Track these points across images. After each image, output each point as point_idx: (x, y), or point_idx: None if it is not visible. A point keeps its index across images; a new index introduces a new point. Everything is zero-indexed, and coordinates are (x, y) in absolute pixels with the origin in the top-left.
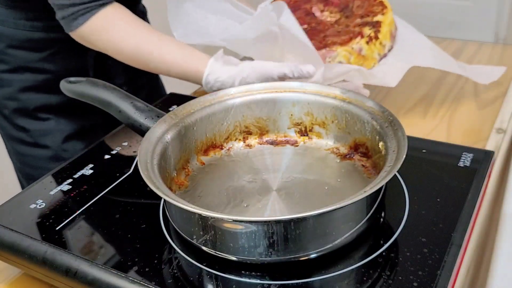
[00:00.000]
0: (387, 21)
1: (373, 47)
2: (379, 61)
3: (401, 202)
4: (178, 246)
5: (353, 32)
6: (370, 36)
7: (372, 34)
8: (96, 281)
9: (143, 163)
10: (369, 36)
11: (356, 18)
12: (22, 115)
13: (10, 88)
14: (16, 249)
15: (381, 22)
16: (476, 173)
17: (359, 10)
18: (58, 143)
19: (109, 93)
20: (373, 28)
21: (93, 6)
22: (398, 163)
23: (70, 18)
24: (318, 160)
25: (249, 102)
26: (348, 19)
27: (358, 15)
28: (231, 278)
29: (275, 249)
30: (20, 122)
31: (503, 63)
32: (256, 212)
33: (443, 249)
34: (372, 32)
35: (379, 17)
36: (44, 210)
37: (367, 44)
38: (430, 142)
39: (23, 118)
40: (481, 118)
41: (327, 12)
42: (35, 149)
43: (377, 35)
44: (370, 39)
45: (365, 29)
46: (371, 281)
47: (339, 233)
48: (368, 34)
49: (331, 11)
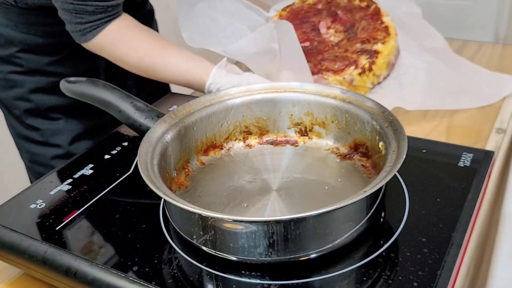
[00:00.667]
0: (386, 51)
1: (366, 78)
2: (372, 89)
3: (401, 202)
4: (178, 246)
5: (349, 60)
6: (363, 68)
7: (367, 66)
8: (96, 281)
9: (143, 163)
10: (363, 68)
11: (357, 42)
12: (33, 115)
13: (21, 89)
14: (16, 249)
15: (379, 52)
16: (476, 173)
17: (363, 33)
18: (68, 142)
19: (109, 93)
20: (370, 58)
21: (99, 24)
22: (398, 163)
23: (79, 34)
24: (318, 160)
25: (249, 102)
26: (349, 42)
27: (360, 39)
28: (231, 278)
29: (275, 249)
30: (31, 122)
31: (503, 63)
32: (256, 212)
33: (443, 249)
34: (367, 63)
35: (378, 46)
36: (44, 210)
37: (359, 75)
38: (430, 142)
39: (34, 118)
40: (481, 118)
41: (332, 30)
42: (45, 148)
43: (371, 67)
44: (363, 70)
45: (361, 58)
46: (371, 281)
47: (339, 233)
48: (363, 65)
49: (337, 29)
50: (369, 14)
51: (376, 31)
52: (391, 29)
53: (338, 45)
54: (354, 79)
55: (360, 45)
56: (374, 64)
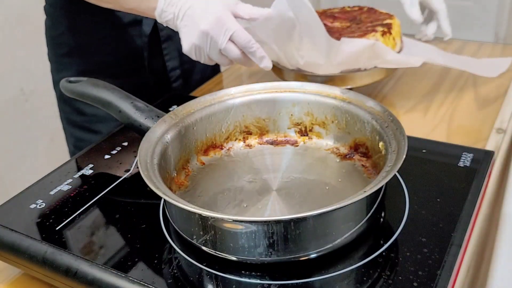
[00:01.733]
0: (396, 24)
1: (388, 41)
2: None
3: (401, 202)
4: (178, 246)
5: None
6: (384, 31)
7: (386, 30)
8: (96, 281)
9: (143, 163)
10: (383, 31)
11: (366, 23)
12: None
13: (69, 72)
14: (16, 249)
15: (391, 23)
16: (476, 173)
17: (368, 19)
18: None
19: (109, 93)
20: (385, 27)
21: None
22: (398, 163)
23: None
24: (318, 160)
25: (249, 102)
26: (359, 25)
27: (367, 21)
28: (231, 278)
29: (275, 249)
30: (79, 106)
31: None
32: (256, 212)
33: (443, 249)
34: (385, 28)
35: (388, 21)
36: (44, 210)
37: (382, 36)
38: (430, 142)
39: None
40: (481, 118)
41: (337, 23)
42: (88, 134)
43: (390, 30)
44: (384, 32)
45: (377, 27)
46: (371, 281)
47: (339, 233)
48: (382, 30)
49: (341, 22)
50: (365, 12)
51: (379, 15)
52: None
53: (349, 28)
54: (378, 39)
55: (371, 23)
56: (392, 29)
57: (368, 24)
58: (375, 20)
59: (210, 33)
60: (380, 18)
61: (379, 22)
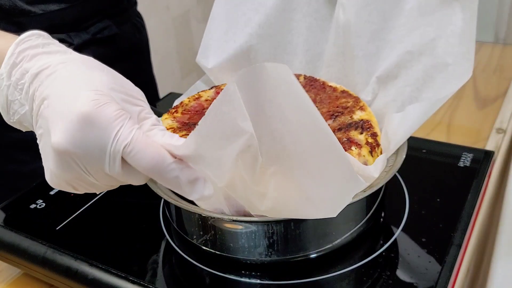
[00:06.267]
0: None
1: (375, 157)
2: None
3: (401, 202)
4: (178, 246)
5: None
6: (371, 145)
7: (371, 141)
8: (96, 281)
9: None
10: (370, 145)
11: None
12: None
13: None
14: (16, 249)
15: (369, 120)
16: (476, 173)
17: (323, 107)
18: None
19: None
20: (364, 130)
21: None
22: (398, 163)
23: None
24: None
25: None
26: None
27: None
28: (231, 278)
29: (275, 249)
30: None
31: (503, 63)
32: None
33: (443, 249)
34: (369, 137)
35: (361, 114)
36: (44, 210)
37: (371, 154)
38: (430, 142)
39: None
40: (481, 118)
41: None
42: None
43: (376, 140)
44: (372, 147)
45: (354, 133)
46: (371, 281)
47: (339, 233)
48: (365, 141)
49: None
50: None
51: (336, 99)
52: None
53: None
54: (366, 161)
55: (332, 122)
56: (377, 136)
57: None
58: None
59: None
60: (344, 106)
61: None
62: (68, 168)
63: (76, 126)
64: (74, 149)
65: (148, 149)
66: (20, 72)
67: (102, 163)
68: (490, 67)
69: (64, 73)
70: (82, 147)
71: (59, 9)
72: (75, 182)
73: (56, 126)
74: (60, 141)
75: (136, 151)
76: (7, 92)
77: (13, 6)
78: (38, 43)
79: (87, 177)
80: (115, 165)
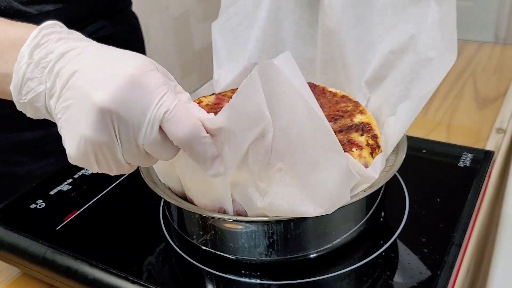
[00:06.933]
0: (373, 120)
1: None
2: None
3: (401, 202)
4: (178, 246)
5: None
6: (372, 146)
7: (372, 142)
8: (96, 281)
9: None
10: (371, 146)
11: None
12: None
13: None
14: (16, 249)
15: (369, 123)
16: (476, 173)
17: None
18: None
19: None
20: (364, 132)
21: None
22: (398, 163)
23: None
24: None
25: None
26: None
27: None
28: (231, 278)
29: (275, 249)
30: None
31: (503, 63)
32: None
33: (443, 249)
34: (369, 139)
35: (361, 118)
36: (44, 210)
37: (371, 156)
38: (430, 142)
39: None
40: (481, 118)
41: None
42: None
43: (377, 142)
44: (373, 149)
45: (354, 135)
46: (371, 281)
47: (339, 233)
48: (366, 142)
49: None
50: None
51: (336, 103)
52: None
53: None
54: (367, 162)
55: (333, 124)
56: (378, 138)
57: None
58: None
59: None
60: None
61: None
62: (103, 129)
63: (123, 86)
64: (117, 108)
65: (186, 119)
66: (45, 52)
67: (140, 128)
68: (490, 67)
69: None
70: (126, 106)
71: (55, 10)
72: (101, 152)
73: (98, 88)
74: (105, 98)
75: (175, 119)
76: (25, 70)
77: (8, 6)
78: (63, 30)
79: (116, 147)
80: (152, 130)
